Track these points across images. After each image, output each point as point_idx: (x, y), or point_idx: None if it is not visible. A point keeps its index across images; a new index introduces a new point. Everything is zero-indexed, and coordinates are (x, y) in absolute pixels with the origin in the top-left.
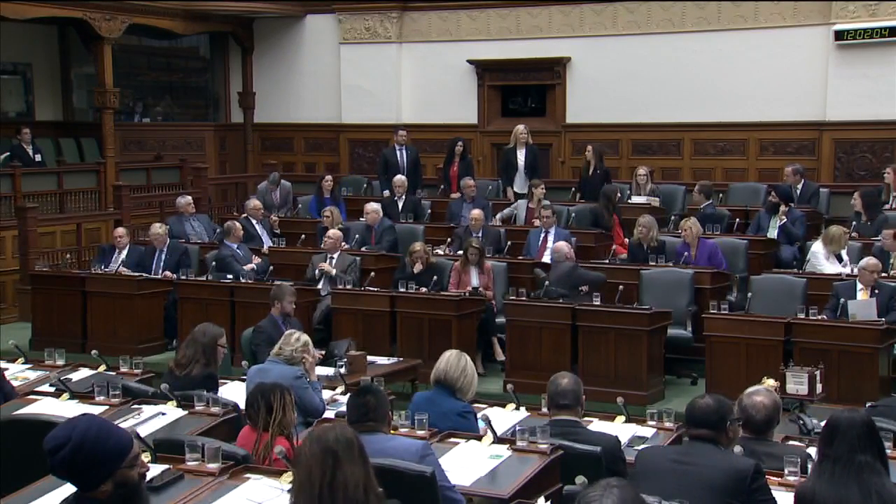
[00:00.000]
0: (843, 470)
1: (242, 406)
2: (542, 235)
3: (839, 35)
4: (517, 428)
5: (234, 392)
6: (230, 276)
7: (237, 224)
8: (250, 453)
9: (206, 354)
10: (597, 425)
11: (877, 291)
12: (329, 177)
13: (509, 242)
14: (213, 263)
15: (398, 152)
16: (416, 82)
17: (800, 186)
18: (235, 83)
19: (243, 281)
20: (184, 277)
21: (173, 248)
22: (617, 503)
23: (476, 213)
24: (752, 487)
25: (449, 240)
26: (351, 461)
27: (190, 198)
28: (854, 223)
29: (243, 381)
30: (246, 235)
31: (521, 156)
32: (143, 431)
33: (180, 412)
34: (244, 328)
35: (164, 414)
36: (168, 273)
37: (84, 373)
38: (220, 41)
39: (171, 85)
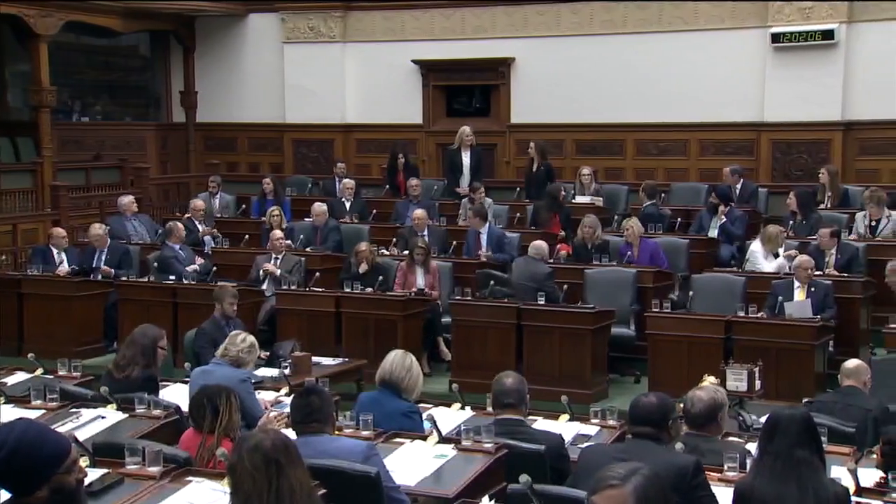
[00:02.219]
0: (783, 466)
1: (185, 408)
2: (476, 236)
3: (775, 38)
4: (462, 427)
5: (176, 394)
6: (172, 277)
7: (179, 224)
8: (192, 456)
9: (146, 356)
10: (541, 424)
11: (812, 289)
12: (269, 178)
13: (454, 242)
14: (155, 264)
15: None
16: (361, 82)
17: (739, 186)
18: (177, 82)
19: (186, 282)
20: (124, 278)
21: (114, 249)
22: (638, 490)
23: (420, 212)
24: (693, 484)
25: (394, 240)
26: (293, 466)
27: (132, 197)
28: (790, 222)
29: (186, 382)
30: (191, 237)
31: (465, 157)
32: (82, 435)
33: (120, 415)
34: (187, 330)
35: (103, 417)
36: (106, 268)
37: (20, 376)
38: (160, 40)
39: (111, 84)
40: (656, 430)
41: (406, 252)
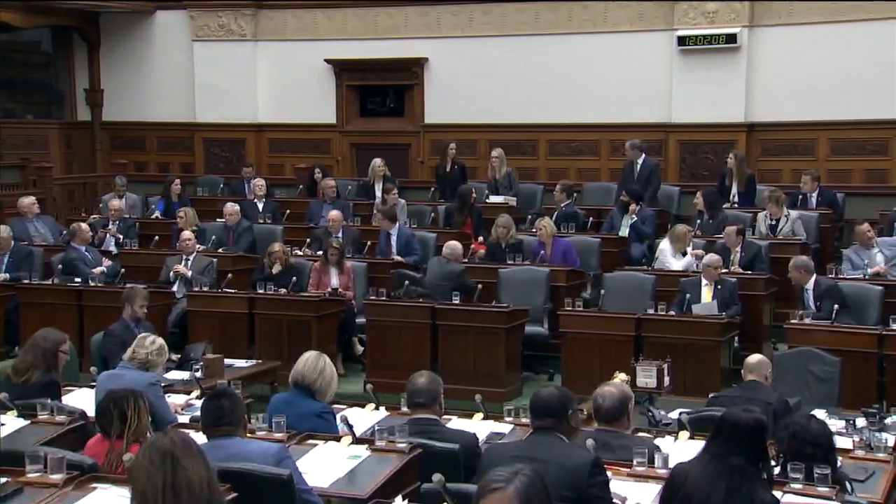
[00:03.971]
0: (715, 468)
1: (91, 413)
2: (386, 237)
3: (681, 41)
4: (376, 428)
5: (81, 399)
6: (78, 280)
7: (83, 226)
8: (101, 462)
9: (46, 360)
10: (456, 423)
11: (719, 287)
12: (178, 180)
13: (368, 242)
14: (60, 266)
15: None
16: (273, 81)
17: (640, 161)
18: (82, 80)
19: (93, 284)
20: (27, 281)
21: (17, 252)
22: (521, 491)
23: (335, 213)
24: (590, 483)
25: (308, 240)
26: (191, 458)
27: (33, 198)
28: (698, 221)
29: (92, 387)
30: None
31: (377, 189)
32: None
33: (22, 422)
34: (94, 333)
35: (2, 424)
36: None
37: None
38: (63, 36)
39: (10, 80)
40: (556, 422)
41: (320, 252)
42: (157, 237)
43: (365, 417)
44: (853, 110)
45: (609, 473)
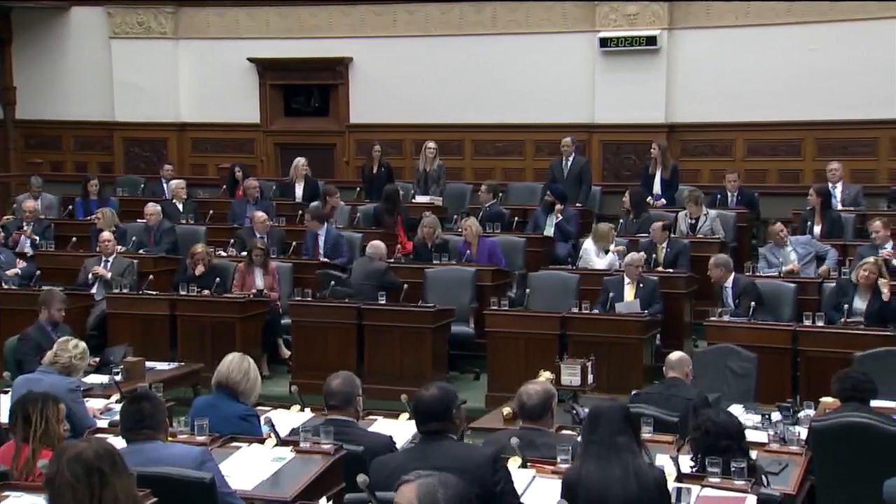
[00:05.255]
0: (607, 451)
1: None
2: (314, 237)
3: (603, 42)
4: (301, 429)
5: None
6: None
7: None
8: (10, 468)
9: None
10: (381, 423)
11: (641, 285)
12: (95, 180)
13: (294, 243)
14: None
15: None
16: (195, 80)
17: (570, 160)
18: None
19: (6, 287)
20: None
21: None
22: (421, 490)
23: (260, 214)
24: (495, 479)
25: (232, 241)
26: (117, 475)
27: None
28: (621, 221)
29: (7, 392)
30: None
31: (298, 189)
32: None
33: None
34: (7, 337)
35: None
36: None
37: None
38: None
39: None
40: (443, 424)
41: (244, 253)
42: (74, 238)
43: (290, 419)
44: (769, 112)
45: (533, 471)
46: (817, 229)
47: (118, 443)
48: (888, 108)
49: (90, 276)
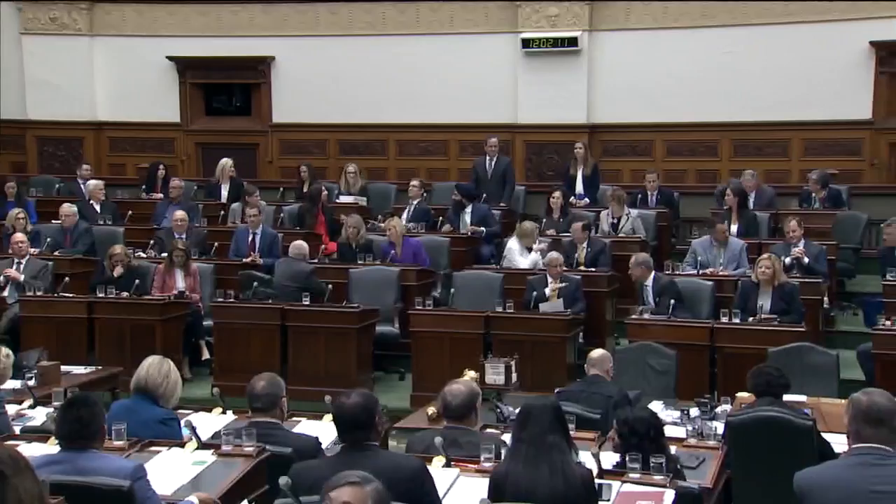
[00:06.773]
0: (536, 451)
1: None
2: (251, 236)
3: (525, 43)
4: (222, 432)
5: None
6: None
7: None
8: None
9: None
10: (305, 425)
11: (564, 284)
12: (13, 182)
13: (216, 244)
14: None
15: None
16: (112, 78)
17: (494, 161)
18: None
19: None
20: None
21: None
22: (379, 493)
23: (180, 214)
24: (424, 490)
25: (151, 241)
26: (21, 476)
27: None
28: (544, 220)
29: None
30: None
31: (224, 190)
32: None
33: None
34: None
35: None
36: None
37: None
38: None
39: None
40: (366, 433)
41: (164, 254)
42: None
43: (212, 422)
44: (686, 113)
45: (457, 470)
46: (734, 228)
47: (33, 449)
48: (800, 111)
49: (2, 278)
